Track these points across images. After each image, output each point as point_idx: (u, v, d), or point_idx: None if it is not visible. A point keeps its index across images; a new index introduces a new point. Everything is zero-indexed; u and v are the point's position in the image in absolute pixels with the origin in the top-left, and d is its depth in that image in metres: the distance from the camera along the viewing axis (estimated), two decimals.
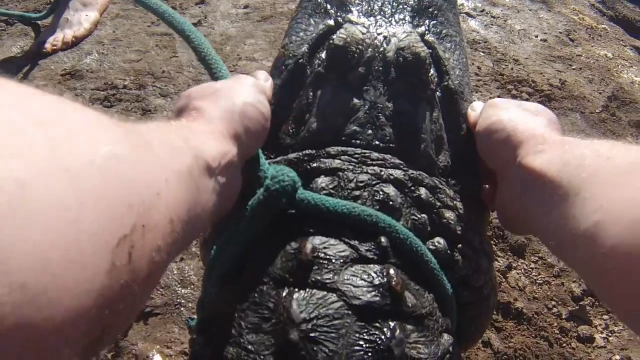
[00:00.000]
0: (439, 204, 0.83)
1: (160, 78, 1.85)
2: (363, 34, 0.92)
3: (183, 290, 1.34)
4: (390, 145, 0.85)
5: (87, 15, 2.12)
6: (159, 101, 1.77)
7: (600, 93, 1.98)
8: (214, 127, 0.68)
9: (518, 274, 1.44)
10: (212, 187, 0.62)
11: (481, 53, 2.09)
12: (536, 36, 2.29)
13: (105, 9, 2.25)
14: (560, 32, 2.36)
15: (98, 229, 0.36)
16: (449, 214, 0.82)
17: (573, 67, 2.11)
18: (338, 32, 0.93)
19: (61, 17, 2.10)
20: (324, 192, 0.80)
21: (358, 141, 0.85)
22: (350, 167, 0.83)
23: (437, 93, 0.91)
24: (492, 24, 2.30)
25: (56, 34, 2.03)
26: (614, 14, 2.78)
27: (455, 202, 0.84)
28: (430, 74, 0.90)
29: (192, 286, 1.36)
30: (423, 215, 0.81)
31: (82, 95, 1.77)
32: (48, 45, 1.98)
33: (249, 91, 0.77)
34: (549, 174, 0.65)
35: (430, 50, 0.93)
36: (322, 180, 0.82)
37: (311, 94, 0.91)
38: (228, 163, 0.66)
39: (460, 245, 0.81)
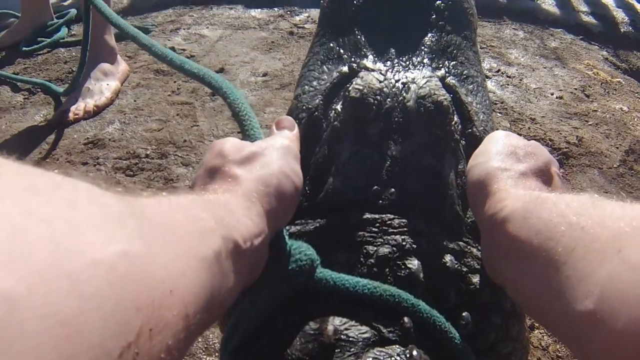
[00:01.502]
0: (465, 269, 0.79)
1: (182, 147, 1.92)
2: (380, 82, 0.88)
3: (208, 359, 1.37)
4: (415, 203, 0.81)
5: (108, 85, 2.20)
6: (181, 170, 1.83)
7: (617, 147, 2.02)
8: (250, 204, 0.66)
9: (541, 333, 1.46)
10: (240, 269, 0.60)
11: (498, 114, 2.15)
12: (552, 94, 2.35)
13: (126, 78, 2.33)
14: (576, 89, 2.42)
15: (99, 339, 0.34)
16: (477, 279, 0.79)
17: (589, 123, 2.15)
18: (354, 81, 0.89)
19: (83, 86, 2.18)
20: (344, 269, 0.76)
21: (380, 201, 0.81)
22: (371, 238, 0.79)
23: (462, 141, 0.88)
24: (508, 84, 2.37)
25: (78, 103, 2.11)
26: (627, 66, 2.83)
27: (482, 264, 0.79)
28: (453, 123, 0.87)
29: (216, 354, 1.39)
30: (448, 285, 0.77)
31: (105, 164, 1.84)
32: (70, 114, 2.06)
33: (285, 159, 0.75)
34: (519, 241, 0.63)
35: (452, 95, 0.90)
36: (341, 256, 0.78)
37: (328, 150, 0.87)
38: (260, 243, 0.65)
39: (488, 312, 0.77)
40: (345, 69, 0.94)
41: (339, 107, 0.89)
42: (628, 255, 0.47)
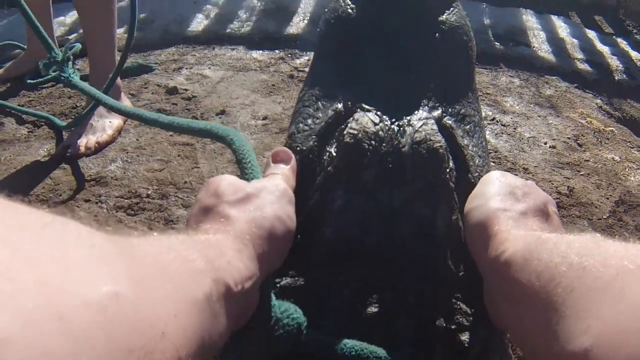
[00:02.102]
0: (454, 326, 0.79)
1: (182, 189, 1.98)
2: (376, 124, 0.86)
3: None
4: (407, 256, 0.81)
5: (110, 122, 2.26)
6: (181, 212, 1.88)
7: (607, 198, 2.09)
8: (242, 247, 0.66)
9: None
10: (231, 311, 0.60)
11: (492, 163, 2.21)
12: (545, 143, 2.43)
13: None
14: (569, 138, 2.50)
15: None
16: (466, 337, 0.78)
17: (581, 173, 2.22)
18: (349, 124, 0.87)
19: (86, 122, 2.23)
20: (332, 329, 0.76)
21: (372, 253, 0.81)
22: (360, 297, 0.79)
23: (454, 188, 0.86)
24: (502, 133, 2.45)
25: (80, 138, 2.16)
26: (621, 115, 2.92)
27: (473, 319, 0.80)
28: (448, 170, 0.85)
29: None
30: (437, 344, 0.77)
31: (107, 202, 1.89)
32: (72, 150, 2.11)
33: (279, 202, 0.75)
34: (520, 283, 0.63)
35: (449, 138, 0.89)
36: (330, 317, 0.79)
37: (320, 196, 0.86)
38: (251, 286, 0.64)
39: None
40: (340, 106, 0.92)
41: (332, 150, 0.88)
42: (631, 294, 0.47)
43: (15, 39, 3.11)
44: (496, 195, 0.79)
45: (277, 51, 3.12)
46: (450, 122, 0.92)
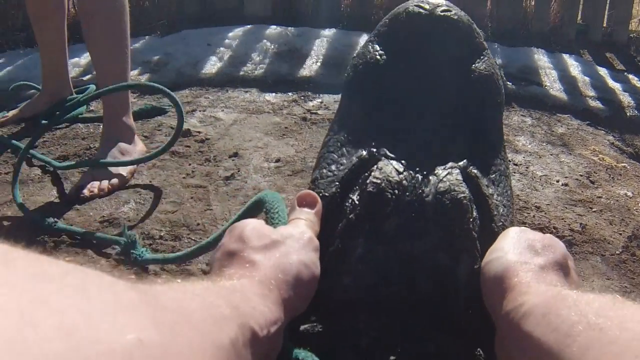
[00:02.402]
0: None
1: (195, 230, 2.00)
2: (399, 173, 0.87)
3: None
4: (427, 306, 0.81)
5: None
6: None
7: (620, 234, 2.09)
8: (267, 291, 0.66)
9: None
10: (256, 355, 0.60)
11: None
12: (557, 181, 2.44)
13: None
14: (581, 175, 2.51)
15: None
16: None
17: (594, 210, 2.23)
18: (372, 172, 0.87)
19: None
20: None
21: (391, 303, 0.81)
22: (378, 346, 0.79)
23: (477, 237, 0.86)
24: (514, 172, 2.46)
25: (94, 181, 2.19)
26: (633, 150, 2.94)
27: None
28: (471, 220, 0.85)
29: None
30: None
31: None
32: (86, 191, 2.13)
33: (305, 249, 0.76)
34: (536, 337, 0.62)
35: (473, 187, 0.89)
36: None
37: (341, 243, 0.86)
38: (276, 331, 0.65)
39: None
40: (364, 153, 0.92)
41: (355, 198, 0.88)
42: None
43: (30, 79, 3.19)
44: (515, 248, 0.79)
45: (290, 94, 3.16)
46: (475, 171, 0.91)
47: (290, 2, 4.49)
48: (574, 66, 3.95)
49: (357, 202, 0.87)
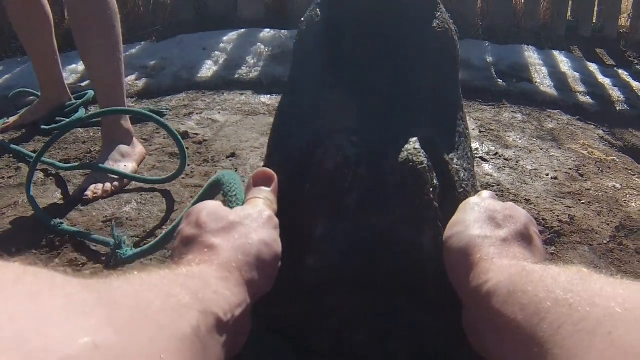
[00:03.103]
0: (447, 348, 0.79)
1: None
2: (356, 146, 0.83)
3: None
4: (394, 280, 0.80)
5: (125, 166, 2.35)
6: None
7: (608, 224, 2.17)
8: (228, 274, 0.64)
9: None
10: (222, 341, 0.59)
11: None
12: (547, 175, 2.52)
13: (142, 160, 2.49)
14: (570, 169, 2.60)
15: None
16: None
17: (582, 201, 2.31)
18: (328, 150, 0.83)
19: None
20: (324, 357, 0.77)
21: (357, 281, 0.80)
22: (347, 325, 0.80)
23: (439, 206, 0.83)
24: (505, 167, 2.54)
25: (97, 183, 2.24)
26: (623, 144, 3.03)
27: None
28: (431, 189, 0.82)
29: None
30: None
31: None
32: (89, 193, 2.18)
33: (265, 228, 0.74)
34: (504, 315, 0.61)
35: (433, 154, 0.86)
36: (320, 345, 0.79)
37: (300, 224, 0.84)
38: (241, 313, 0.63)
39: None
40: (318, 126, 0.88)
41: (312, 175, 0.85)
42: (620, 339, 0.46)
43: (29, 86, 3.27)
44: (476, 221, 0.77)
45: None
46: (435, 137, 0.88)
47: (283, 5, 4.56)
48: (564, 62, 4.05)
49: (314, 180, 0.84)
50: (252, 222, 0.74)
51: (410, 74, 0.91)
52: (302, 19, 1.00)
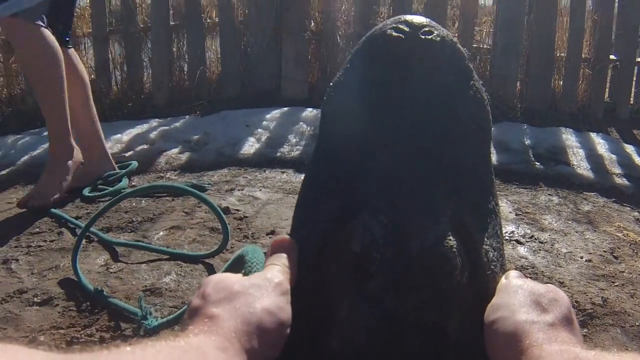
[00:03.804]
0: None
1: None
2: (383, 226, 0.81)
3: None
4: None
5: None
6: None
7: None
8: (227, 344, 0.64)
9: None
10: None
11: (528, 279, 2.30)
12: (581, 257, 2.56)
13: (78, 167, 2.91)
14: (605, 251, 2.64)
15: None
16: None
17: (616, 284, 2.35)
18: (355, 230, 0.81)
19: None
20: None
21: None
22: None
23: (466, 287, 0.82)
24: (540, 249, 2.60)
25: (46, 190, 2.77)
26: None
27: None
28: (458, 273, 0.81)
29: None
30: None
31: (162, 311, 1.99)
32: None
33: (269, 295, 0.73)
34: None
35: (462, 235, 0.84)
36: None
37: (324, 304, 0.82)
38: None
39: None
40: (345, 202, 0.86)
41: (338, 255, 0.83)
42: None
43: None
44: (521, 306, 0.76)
45: None
46: (464, 216, 0.86)
47: (325, 85, 4.67)
48: (601, 144, 4.13)
49: (340, 260, 0.82)
50: (256, 290, 0.73)
51: (439, 147, 0.89)
52: (331, 84, 0.98)
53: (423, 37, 0.88)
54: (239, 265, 0.94)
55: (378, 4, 5.04)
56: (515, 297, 0.78)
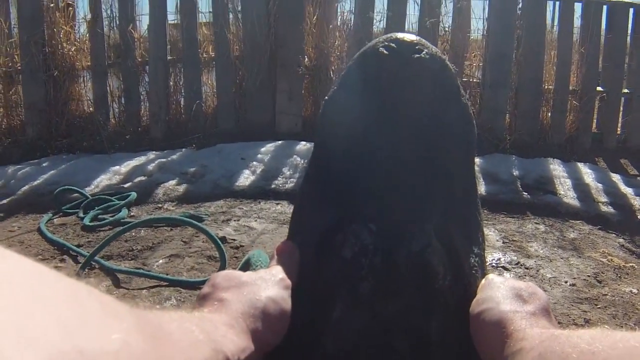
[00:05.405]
0: None
1: None
2: (373, 235, 0.86)
3: None
4: None
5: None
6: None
7: (621, 327, 2.29)
8: (234, 322, 0.68)
9: None
10: None
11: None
12: (566, 282, 2.66)
13: None
14: (589, 276, 2.75)
15: None
16: None
17: (598, 306, 2.45)
18: (347, 239, 0.86)
19: None
20: None
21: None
22: None
23: (449, 292, 0.86)
24: (525, 275, 2.69)
25: None
26: None
27: None
28: (443, 278, 0.86)
29: None
30: None
31: None
32: None
33: (274, 287, 0.78)
34: None
35: (446, 241, 0.88)
36: None
37: (317, 307, 0.86)
38: (246, 359, 0.66)
39: None
40: (337, 214, 0.90)
41: (331, 262, 0.87)
42: None
43: (73, 183, 3.56)
44: (505, 298, 0.82)
45: None
46: (448, 223, 0.91)
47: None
48: (588, 174, 4.27)
49: (332, 266, 0.87)
50: (262, 282, 0.78)
51: (427, 161, 0.93)
52: (324, 102, 1.01)
53: (413, 54, 0.90)
54: (246, 269, 1.01)
55: (370, 39, 5.16)
56: (499, 291, 0.84)
